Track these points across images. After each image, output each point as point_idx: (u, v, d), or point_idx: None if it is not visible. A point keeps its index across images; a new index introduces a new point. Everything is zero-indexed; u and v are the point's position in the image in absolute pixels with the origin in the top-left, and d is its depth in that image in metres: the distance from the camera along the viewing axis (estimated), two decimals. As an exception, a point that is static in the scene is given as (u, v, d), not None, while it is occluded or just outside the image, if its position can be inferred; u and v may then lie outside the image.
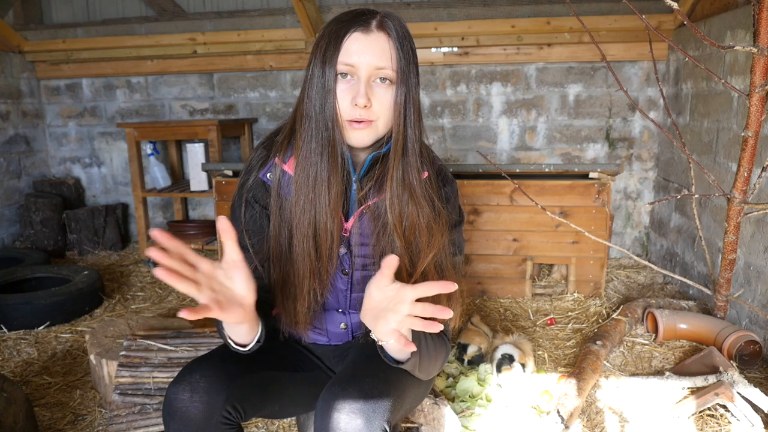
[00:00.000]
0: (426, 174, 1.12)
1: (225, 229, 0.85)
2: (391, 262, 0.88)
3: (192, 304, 2.77)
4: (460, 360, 1.99)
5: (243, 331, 0.99)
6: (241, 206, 1.14)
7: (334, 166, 1.05)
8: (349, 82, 1.04)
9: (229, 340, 1.03)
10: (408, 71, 1.06)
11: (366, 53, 1.02)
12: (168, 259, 0.79)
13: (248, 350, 1.03)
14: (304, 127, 1.06)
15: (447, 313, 0.84)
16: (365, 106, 1.02)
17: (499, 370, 1.87)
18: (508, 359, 1.86)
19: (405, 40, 1.06)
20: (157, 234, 0.78)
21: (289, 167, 1.10)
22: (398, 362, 1.03)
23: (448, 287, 0.86)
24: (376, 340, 1.00)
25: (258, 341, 1.02)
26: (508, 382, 1.81)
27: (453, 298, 1.12)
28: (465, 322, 2.24)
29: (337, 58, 1.02)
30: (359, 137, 1.06)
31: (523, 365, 1.85)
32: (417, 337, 1.03)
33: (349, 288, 1.16)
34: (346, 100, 1.03)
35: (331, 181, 1.05)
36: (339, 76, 1.03)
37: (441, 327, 0.86)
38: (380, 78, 1.04)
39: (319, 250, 1.08)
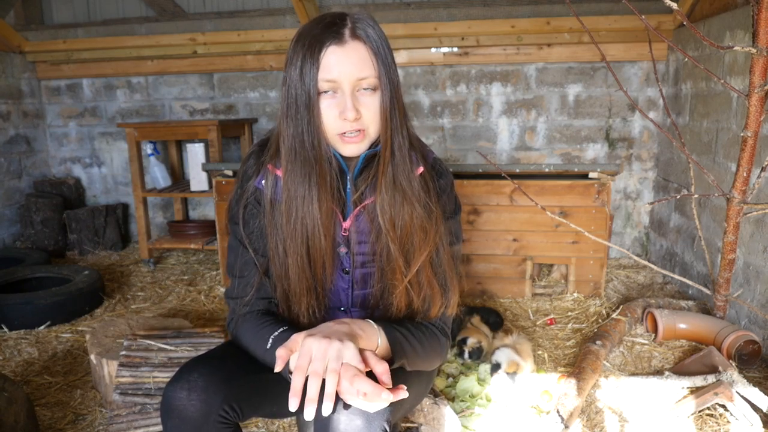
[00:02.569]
0: (421, 169, 1.12)
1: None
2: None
3: (191, 305, 2.77)
4: (461, 354, 2.00)
5: None
6: (239, 211, 1.14)
7: (322, 185, 1.05)
8: (333, 97, 1.02)
9: (288, 374, 1.02)
10: (388, 73, 1.04)
11: (346, 65, 1.00)
12: None
13: None
14: (287, 147, 1.05)
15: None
16: (355, 119, 1.01)
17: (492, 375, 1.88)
18: (497, 368, 1.86)
19: (381, 42, 1.03)
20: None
21: (281, 173, 1.10)
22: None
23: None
24: None
25: None
26: (497, 388, 1.82)
27: (450, 287, 1.13)
28: (465, 322, 2.24)
29: (316, 75, 1.00)
30: (352, 149, 1.06)
31: (513, 373, 1.84)
32: (392, 336, 1.03)
33: (350, 286, 1.16)
34: (332, 115, 1.02)
35: (321, 200, 1.05)
36: (322, 92, 1.02)
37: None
38: (364, 87, 1.02)
39: (313, 268, 1.09)
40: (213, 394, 0.99)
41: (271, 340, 1.05)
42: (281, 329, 1.06)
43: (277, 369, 0.89)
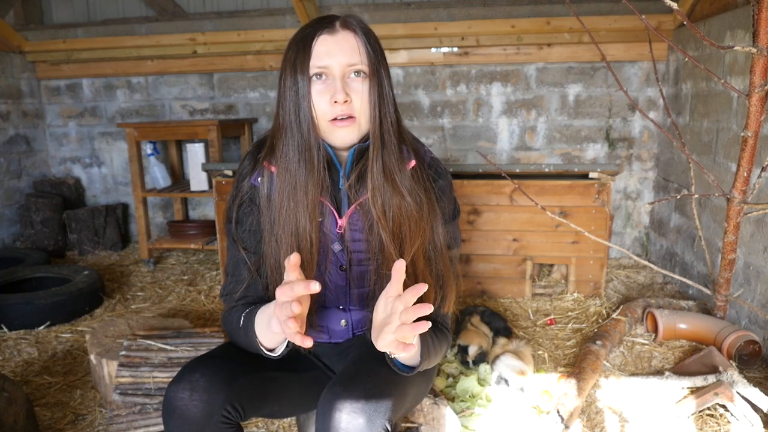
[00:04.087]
0: (413, 163, 1.12)
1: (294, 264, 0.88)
2: (400, 268, 0.87)
3: (191, 305, 2.77)
4: (464, 363, 1.98)
5: (278, 336, 1.00)
6: (234, 210, 1.15)
7: (310, 170, 1.06)
8: (325, 83, 1.05)
9: (261, 346, 1.04)
10: (378, 63, 1.07)
11: (336, 52, 1.03)
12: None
13: (279, 355, 1.04)
14: (282, 140, 1.08)
15: (427, 309, 0.83)
16: (345, 102, 1.03)
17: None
18: (505, 382, 1.86)
19: (370, 35, 1.08)
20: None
21: (276, 169, 1.11)
22: (411, 368, 1.04)
23: (419, 289, 0.84)
24: (387, 354, 1.01)
25: (287, 345, 1.03)
26: (502, 399, 1.81)
27: (447, 288, 1.13)
28: (465, 322, 2.24)
29: (308, 63, 1.03)
30: (343, 136, 1.07)
31: (521, 388, 1.84)
32: (423, 339, 1.03)
33: (348, 284, 1.16)
34: (324, 101, 1.04)
35: (309, 185, 1.06)
36: (314, 78, 1.04)
37: (429, 325, 0.84)
38: (354, 72, 1.05)
39: (302, 258, 1.09)
40: (215, 395, 0.99)
41: (242, 318, 1.07)
42: (252, 307, 1.07)
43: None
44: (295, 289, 0.84)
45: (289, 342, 1.02)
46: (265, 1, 3.56)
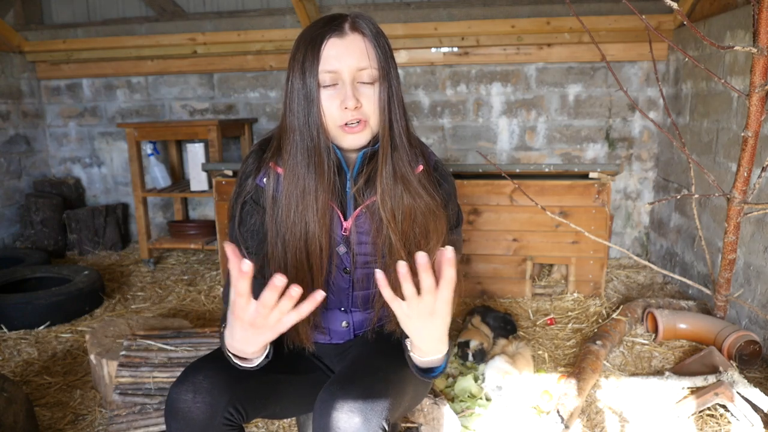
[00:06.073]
0: (420, 168, 1.12)
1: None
2: (381, 280, 0.88)
3: (191, 305, 2.77)
4: (464, 356, 1.99)
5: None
6: (237, 209, 1.14)
7: (320, 175, 1.05)
8: (335, 88, 1.04)
9: (233, 357, 1.00)
10: (388, 66, 1.06)
11: (345, 56, 1.02)
12: None
13: (256, 366, 1.02)
14: (289, 141, 1.06)
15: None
16: (356, 108, 1.03)
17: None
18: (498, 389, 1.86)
19: (380, 37, 1.06)
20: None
21: (282, 171, 1.10)
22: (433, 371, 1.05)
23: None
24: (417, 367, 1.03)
25: (267, 357, 1.01)
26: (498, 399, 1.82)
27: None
28: (465, 322, 2.24)
29: (317, 67, 1.02)
30: (355, 140, 1.06)
31: (499, 387, 1.84)
32: None
33: (351, 286, 1.16)
34: (334, 106, 1.03)
35: (318, 190, 1.05)
36: (323, 82, 1.03)
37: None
38: (364, 79, 1.04)
39: (311, 262, 1.08)
40: (218, 396, 0.99)
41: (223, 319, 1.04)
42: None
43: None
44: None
45: (268, 354, 1.00)
46: (265, 1, 3.56)
